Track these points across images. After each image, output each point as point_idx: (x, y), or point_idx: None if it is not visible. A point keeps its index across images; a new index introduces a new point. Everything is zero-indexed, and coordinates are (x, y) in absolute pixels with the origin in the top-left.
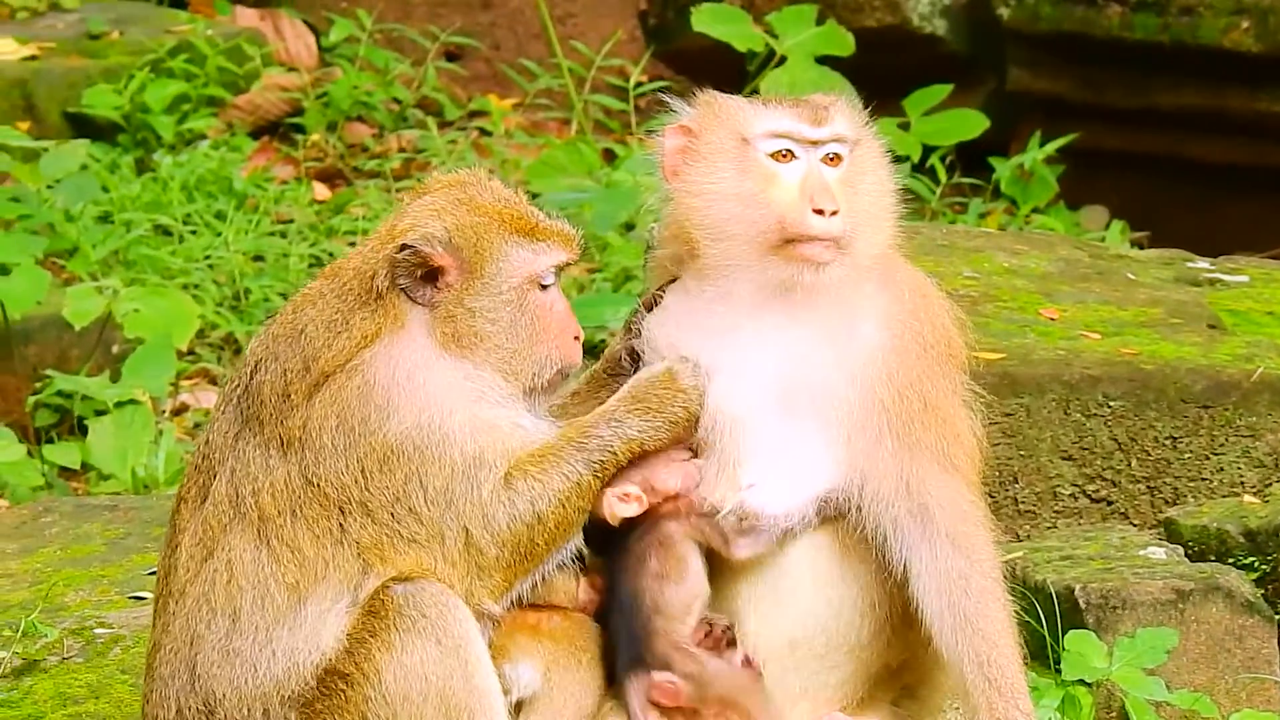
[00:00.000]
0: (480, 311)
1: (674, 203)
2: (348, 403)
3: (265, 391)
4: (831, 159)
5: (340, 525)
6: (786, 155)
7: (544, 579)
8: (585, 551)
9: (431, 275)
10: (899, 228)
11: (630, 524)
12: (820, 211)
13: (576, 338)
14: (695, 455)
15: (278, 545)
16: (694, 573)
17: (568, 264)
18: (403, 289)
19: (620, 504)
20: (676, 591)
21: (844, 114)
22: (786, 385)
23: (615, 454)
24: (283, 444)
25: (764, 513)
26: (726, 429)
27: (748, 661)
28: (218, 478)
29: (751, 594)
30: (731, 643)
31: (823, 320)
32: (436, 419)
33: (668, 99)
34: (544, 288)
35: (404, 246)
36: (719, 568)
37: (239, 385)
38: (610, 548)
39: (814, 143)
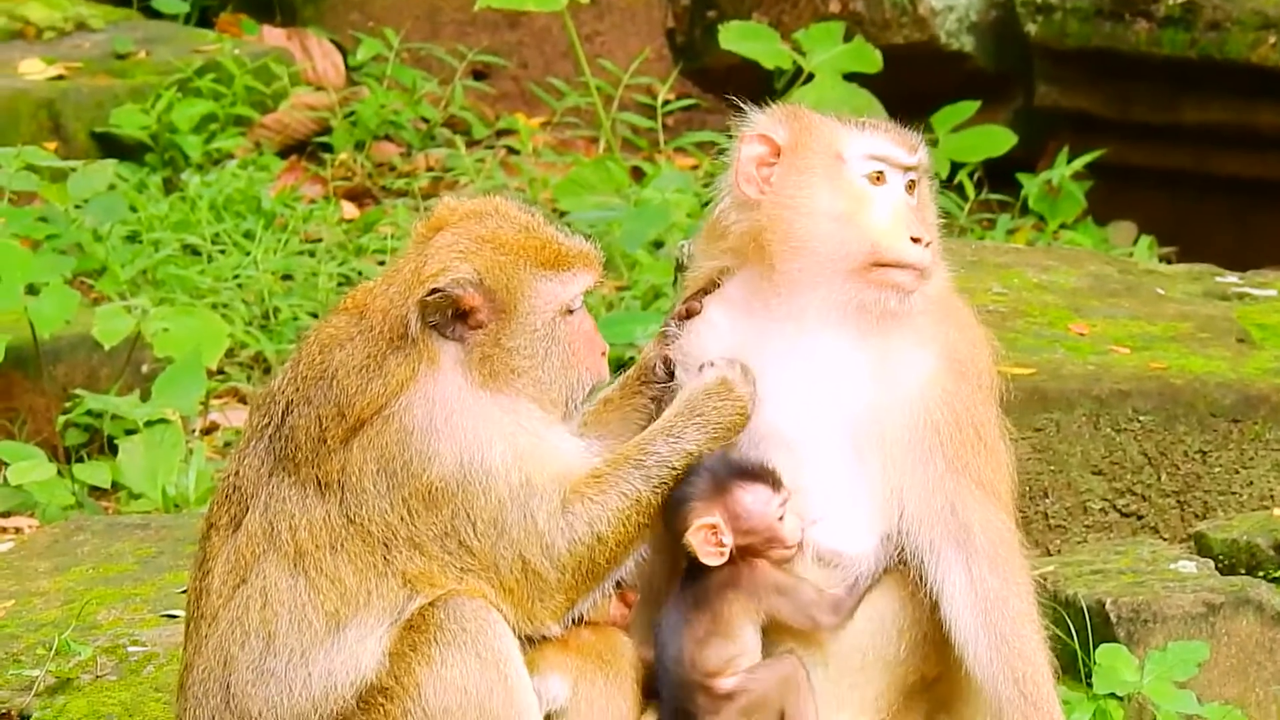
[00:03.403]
0: (517, 350)
1: (752, 212)
2: (387, 448)
3: (299, 436)
4: (909, 186)
5: (385, 559)
6: (879, 178)
7: (605, 596)
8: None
9: (463, 313)
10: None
11: (693, 578)
12: (916, 240)
13: (603, 354)
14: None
15: (316, 576)
16: (738, 641)
17: (594, 285)
18: (434, 326)
19: (707, 546)
20: (716, 651)
21: (923, 143)
22: (849, 411)
23: (674, 469)
24: (320, 485)
25: (842, 552)
26: (787, 455)
27: None
28: (250, 510)
29: None
30: None
31: (888, 345)
32: (478, 455)
33: (748, 108)
34: (571, 313)
35: (434, 290)
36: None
37: (269, 424)
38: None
39: (905, 168)
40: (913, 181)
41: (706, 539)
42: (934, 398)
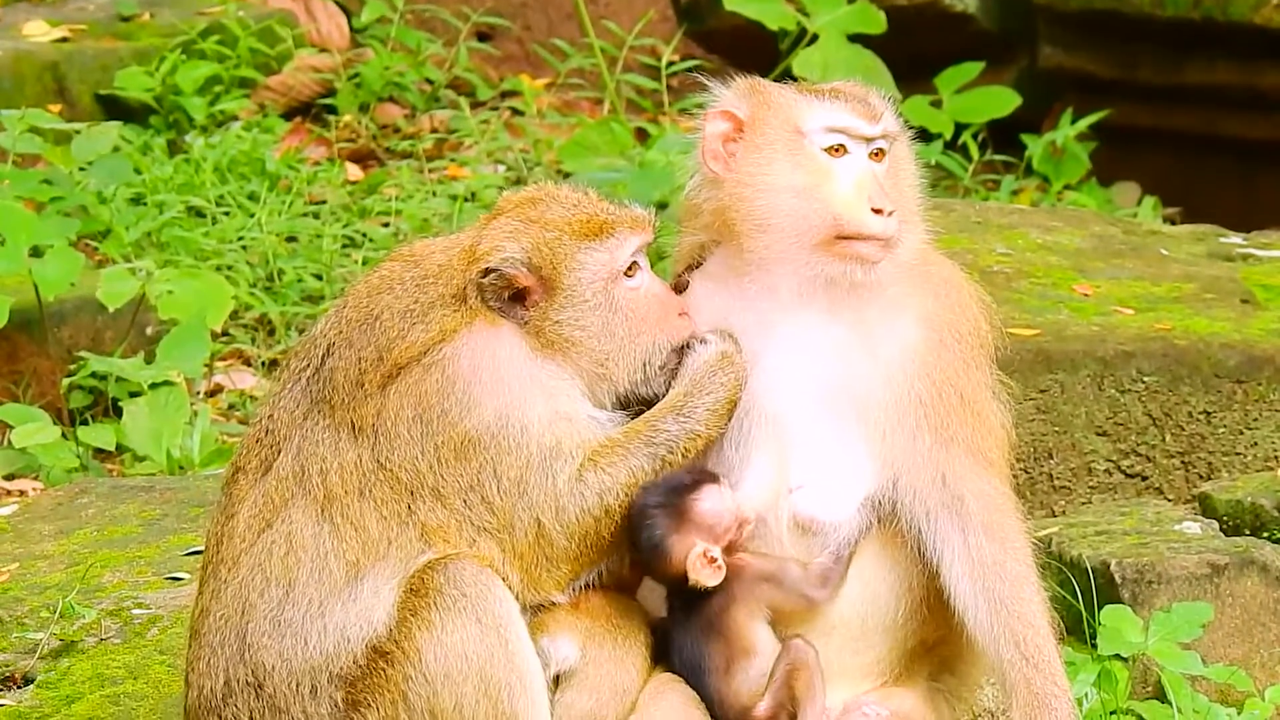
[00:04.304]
0: (566, 321)
1: (718, 190)
2: (426, 395)
3: (338, 377)
4: (876, 154)
5: (409, 507)
6: (840, 150)
7: (605, 570)
8: None
9: (519, 295)
10: (927, 214)
11: (688, 610)
12: (878, 211)
13: (682, 314)
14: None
15: (341, 523)
16: (759, 653)
17: (645, 245)
18: (495, 310)
19: (706, 569)
20: (744, 678)
21: (888, 109)
22: (827, 383)
23: (681, 446)
24: (354, 429)
25: (818, 518)
26: (768, 425)
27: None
28: (282, 453)
29: None
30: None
31: (861, 317)
32: (517, 411)
33: (706, 80)
34: (630, 278)
35: (488, 270)
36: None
37: (309, 365)
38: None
39: (867, 139)
40: (880, 150)
41: (703, 565)
42: (913, 369)
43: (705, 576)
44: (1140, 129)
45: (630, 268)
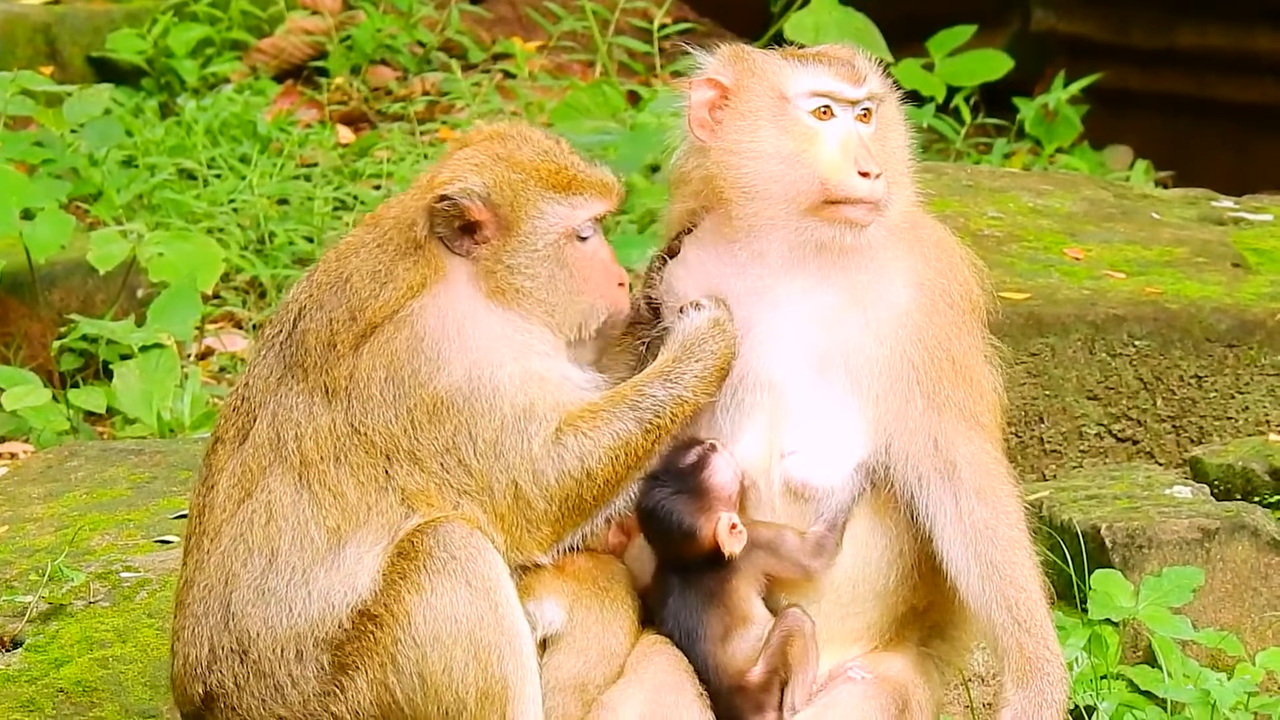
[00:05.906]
0: (518, 268)
1: (706, 158)
2: (396, 355)
3: (310, 340)
4: (862, 116)
5: (386, 472)
6: (825, 113)
7: (592, 532)
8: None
9: (469, 228)
10: (918, 177)
11: (687, 580)
12: (865, 174)
13: (621, 284)
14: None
15: (319, 489)
16: (755, 622)
17: (606, 214)
18: (440, 238)
19: (736, 538)
20: (740, 645)
21: (873, 70)
22: (820, 348)
23: (669, 412)
24: (328, 392)
25: (811, 483)
26: (761, 392)
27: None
28: (258, 421)
29: None
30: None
31: (852, 281)
32: (487, 371)
33: (691, 48)
34: (583, 239)
35: (442, 197)
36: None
37: (281, 331)
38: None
39: (852, 101)
40: (867, 111)
41: (733, 534)
42: (904, 333)
43: (736, 545)
44: (1132, 92)
45: (584, 230)
